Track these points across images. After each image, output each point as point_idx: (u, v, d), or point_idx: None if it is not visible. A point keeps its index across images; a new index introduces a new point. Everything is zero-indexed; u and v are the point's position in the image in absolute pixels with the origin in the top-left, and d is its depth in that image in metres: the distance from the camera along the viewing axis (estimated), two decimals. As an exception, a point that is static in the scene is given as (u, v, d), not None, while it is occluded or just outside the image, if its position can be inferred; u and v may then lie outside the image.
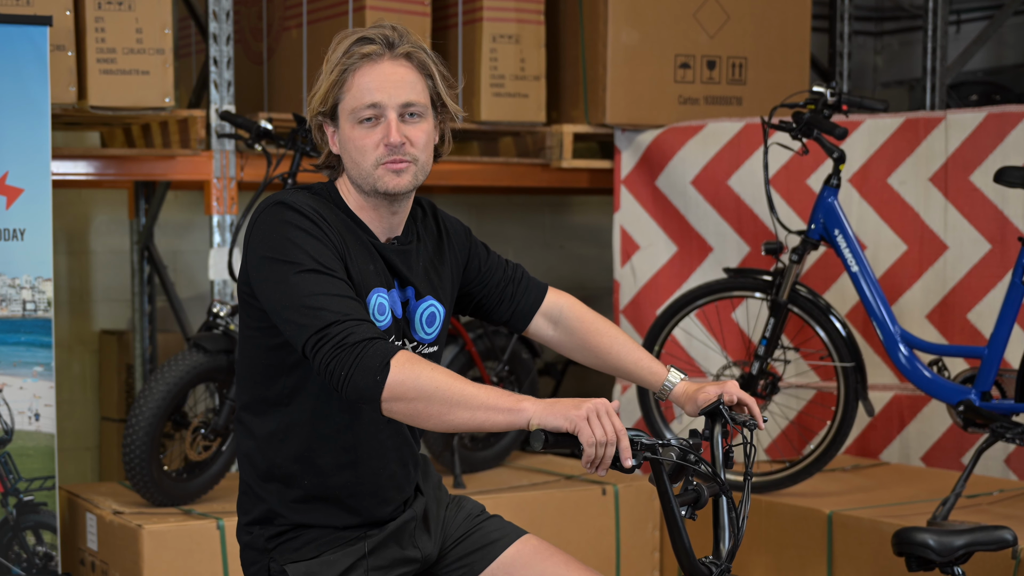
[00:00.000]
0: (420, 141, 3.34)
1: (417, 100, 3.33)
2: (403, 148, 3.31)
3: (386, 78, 3.30)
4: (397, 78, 3.31)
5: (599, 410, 2.99)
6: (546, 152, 7.36)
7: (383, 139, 3.30)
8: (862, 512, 5.73)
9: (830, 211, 5.91)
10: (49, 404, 5.64)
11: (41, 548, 5.66)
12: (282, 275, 3.19)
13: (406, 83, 3.32)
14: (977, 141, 6.42)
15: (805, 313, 5.97)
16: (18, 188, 5.57)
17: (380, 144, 3.30)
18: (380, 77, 3.30)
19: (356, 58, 3.31)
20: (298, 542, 3.41)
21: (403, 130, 3.31)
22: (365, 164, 3.33)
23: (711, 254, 7.09)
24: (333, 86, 3.33)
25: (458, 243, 3.64)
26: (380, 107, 3.30)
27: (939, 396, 5.79)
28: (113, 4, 6.14)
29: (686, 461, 3.10)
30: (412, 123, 3.33)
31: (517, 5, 7.14)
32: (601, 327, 3.72)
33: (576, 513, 6.26)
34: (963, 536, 4.04)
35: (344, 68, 3.31)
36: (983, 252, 6.44)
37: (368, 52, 3.31)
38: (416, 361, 3.07)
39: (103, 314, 8.27)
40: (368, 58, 3.31)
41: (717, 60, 7.40)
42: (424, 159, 3.37)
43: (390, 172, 3.31)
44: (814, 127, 5.82)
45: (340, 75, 3.32)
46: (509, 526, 3.61)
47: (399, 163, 3.31)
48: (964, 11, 9.73)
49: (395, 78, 3.31)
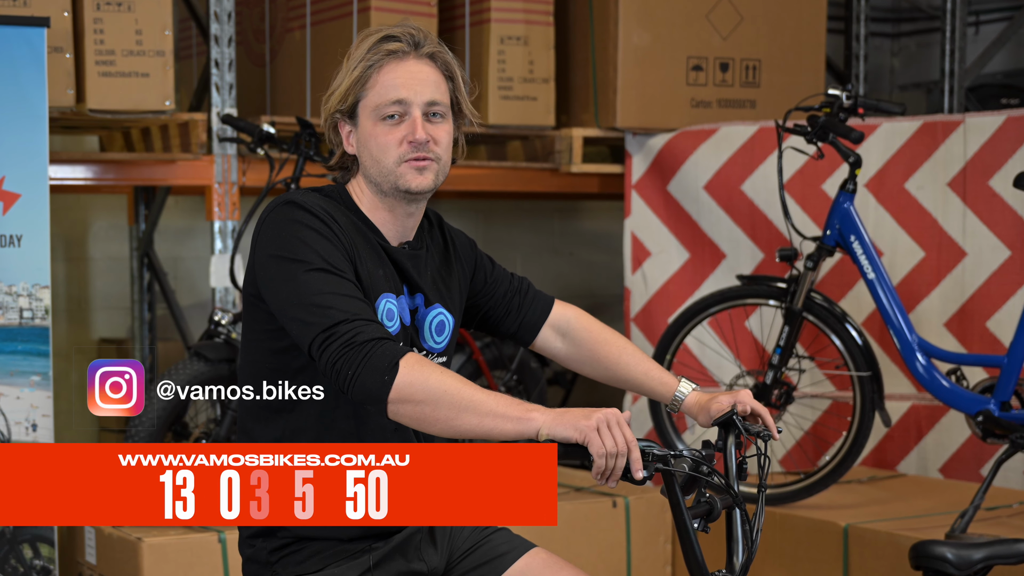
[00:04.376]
0: (443, 141, 3.37)
1: (441, 100, 3.36)
2: (427, 146, 3.33)
3: (412, 75, 3.33)
4: (423, 76, 3.34)
5: (610, 420, 2.97)
6: (555, 156, 7.38)
7: (407, 136, 3.31)
8: (879, 525, 5.70)
9: (846, 217, 5.89)
10: (47, 414, 5.63)
11: (39, 562, 5.65)
12: (291, 274, 3.19)
13: (431, 82, 3.35)
14: (996, 145, 6.42)
15: (820, 321, 5.95)
16: (15, 193, 5.55)
17: (404, 141, 3.32)
18: (406, 74, 3.33)
19: (381, 55, 3.33)
20: (301, 555, 3.37)
21: (427, 129, 3.33)
22: (387, 161, 3.34)
23: (724, 261, 7.08)
24: (355, 83, 3.35)
25: (464, 255, 3.64)
26: (406, 104, 3.32)
27: (957, 406, 5.77)
28: (112, 5, 6.16)
29: (699, 473, 3.07)
30: (435, 123, 3.36)
31: (526, 6, 7.17)
32: (609, 338, 3.70)
33: (586, 526, 6.23)
34: (982, 549, 4.07)
35: (369, 65, 3.34)
36: (1002, 259, 6.42)
37: (394, 49, 3.34)
38: (425, 363, 3.06)
39: (102, 322, 8.32)
40: (394, 55, 3.34)
41: (730, 62, 7.40)
42: (446, 160, 3.40)
43: (413, 170, 3.33)
44: (829, 131, 5.81)
45: (364, 72, 3.34)
46: (517, 539, 3.57)
47: (423, 160, 3.33)
48: (983, 12, 9.76)
49: (421, 76, 3.34)
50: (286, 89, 7.26)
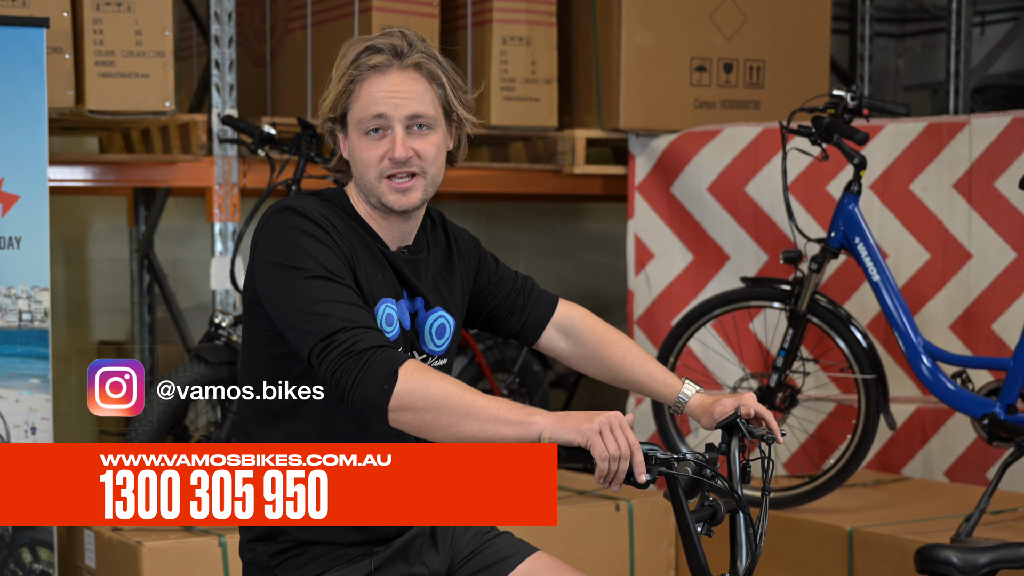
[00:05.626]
0: (429, 154, 3.33)
1: (425, 112, 3.32)
2: (410, 161, 3.31)
3: (392, 90, 3.30)
4: (405, 90, 3.30)
5: (612, 423, 2.96)
6: (558, 158, 7.38)
7: (387, 152, 3.30)
8: (883, 528, 5.69)
9: (850, 218, 5.88)
10: (46, 417, 5.61)
11: (38, 566, 5.64)
12: (289, 281, 3.17)
13: (414, 95, 3.31)
14: (1002, 146, 6.41)
15: (825, 323, 5.93)
16: (14, 195, 5.54)
17: (385, 157, 3.30)
18: (387, 89, 3.30)
19: (364, 69, 3.31)
20: (302, 559, 3.36)
21: (410, 143, 3.30)
22: (370, 176, 3.33)
23: (728, 263, 7.08)
24: (341, 95, 3.35)
25: (467, 254, 3.63)
26: (386, 118, 3.30)
27: (963, 409, 5.76)
28: (112, 5, 6.15)
29: (702, 476, 3.07)
30: (420, 135, 3.32)
31: (528, 6, 7.17)
32: (614, 338, 3.69)
33: (589, 530, 6.21)
34: (988, 553, 4.05)
35: (351, 78, 3.32)
36: (1008, 260, 6.42)
37: (376, 63, 3.31)
38: (425, 370, 3.05)
39: (102, 324, 8.33)
40: (376, 69, 3.31)
41: (734, 63, 7.39)
42: (434, 172, 3.36)
43: (394, 191, 3.32)
44: (834, 132, 5.80)
45: (347, 85, 3.33)
46: (520, 543, 3.57)
47: (405, 179, 3.31)
48: (989, 12, 9.76)
49: (402, 90, 3.30)
50: (287, 90, 7.26)
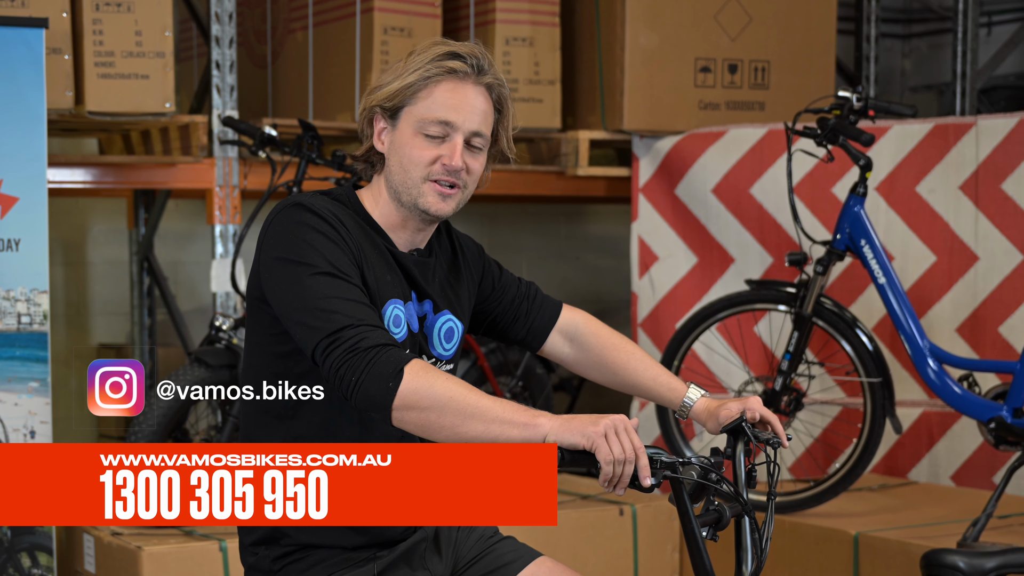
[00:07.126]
0: (475, 172, 3.39)
1: (485, 132, 3.37)
2: (459, 173, 3.35)
3: (466, 100, 3.33)
4: (475, 104, 3.35)
5: (617, 427, 2.96)
6: (561, 159, 7.39)
7: (443, 158, 3.32)
8: (889, 533, 5.68)
9: (856, 220, 5.88)
10: (45, 421, 5.61)
11: (37, 571, 5.62)
12: (295, 277, 3.18)
13: (481, 112, 3.36)
14: (1009, 148, 6.42)
15: (830, 326, 5.94)
16: (13, 197, 5.54)
17: (438, 161, 3.32)
18: (460, 98, 3.33)
19: (443, 70, 3.33)
20: (305, 563, 3.35)
21: (465, 157, 3.35)
22: (414, 173, 3.34)
23: (732, 265, 7.07)
24: (407, 88, 3.34)
25: (472, 260, 3.64)
26: (452, 127, 3.33)
27: (969, 413, 5.75)
28: (111, 6, 6.16)
29: (707, 480, 3.07)
30: (473, 153, 3.37)
31: (531, 7, 7.19)
32: (618, 343, 3.70)
33: (593, 534, 6.21)
34: (994, 558, 4.02)
35: (427, 76, 3.33)
36: (1015, 263, 6.42)
37: (456, 68, 3.33)
38: (430, 370, 3.06)
39: (101, 327, 8.36)
40: (454, 74, 3.34)
41: (739, 64, 7.40)
42: (471, 190, 3.43)
43: (437, 194, 3.35)
44: (840, 133, 5.81)
45: (419, 80, 3.33)
46: (523, 548, 3.57)
47: (447, 189, 3.35)
48: (995, 13, 9.79)
49: (474, 104, 3.34)
50: (288, 91, 7.28)
